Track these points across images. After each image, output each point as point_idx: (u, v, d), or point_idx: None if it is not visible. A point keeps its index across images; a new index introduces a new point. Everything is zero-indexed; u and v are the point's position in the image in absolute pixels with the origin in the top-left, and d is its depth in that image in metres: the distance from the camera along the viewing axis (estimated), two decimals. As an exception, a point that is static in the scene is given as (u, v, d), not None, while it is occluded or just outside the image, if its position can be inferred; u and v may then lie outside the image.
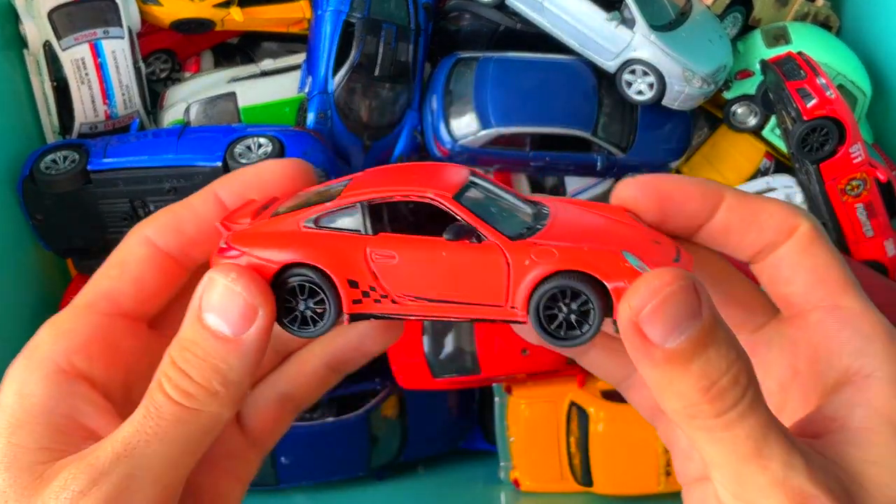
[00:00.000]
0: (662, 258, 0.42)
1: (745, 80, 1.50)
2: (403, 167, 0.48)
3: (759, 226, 0.45)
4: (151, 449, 0.40)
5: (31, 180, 1.30)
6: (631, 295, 0.37)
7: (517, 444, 1.40)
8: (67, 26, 1.38)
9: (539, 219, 0.44)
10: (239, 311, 0.41)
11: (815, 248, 0.44)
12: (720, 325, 0.37)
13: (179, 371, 0.41)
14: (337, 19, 1.42)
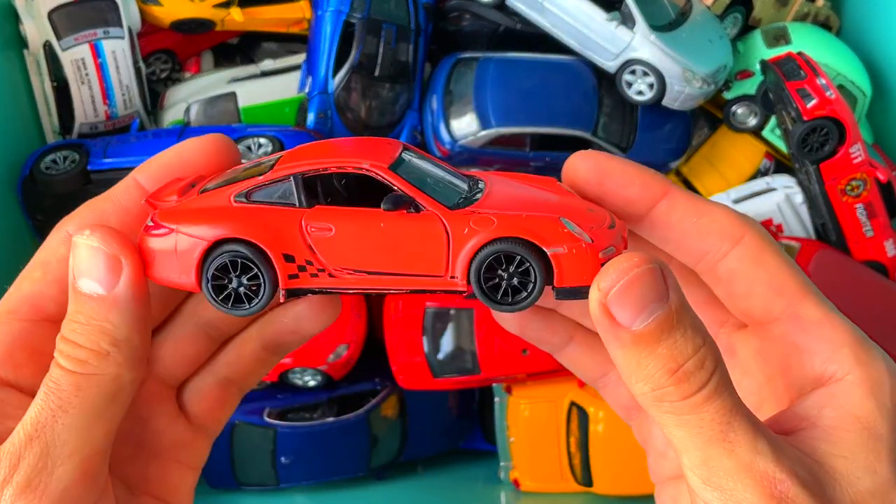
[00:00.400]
0: (598, 224, 0.42)
1: (745, 81, 1.50)
2: (335, 142, 0.46)
3: (701, 229, 0.44)
4: (59, 423, 0.40)
5: (32, 180, 1.30)
6: (600, 277, 0.38)
7: (517, 444, 1.40)
8: (67, 26, 1.38)
9: (474, 190, 0.44)
10: (104, 267, 0.41)
11: (766, 258, 0.43)
12: (687, 309, 0.38)
13: (68, 342, 0.41)
14: (337, 19, 1.42)
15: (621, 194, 0.45)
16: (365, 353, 1.44)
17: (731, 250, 0.43)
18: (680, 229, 0.44)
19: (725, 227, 0.44)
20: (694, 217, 0.44)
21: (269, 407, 1.41)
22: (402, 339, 1.40)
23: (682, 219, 0.44)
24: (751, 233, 0.44)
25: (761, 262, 0.43)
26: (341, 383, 1.45)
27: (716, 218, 0.44)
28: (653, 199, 0.44)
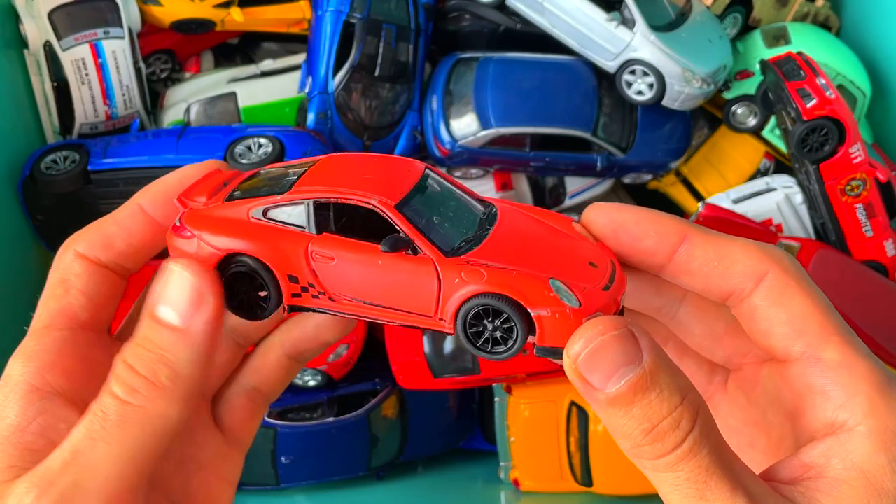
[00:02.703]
0: (593, 284, 0.42)
1: (745, 81, 1.51)
2: (364, 159, 0.48)
3: (723, 272, 0.43)
4: (97, 452, 0.39)
5: (32, 180, 1.30)
6: (570, 343, 0.39)
7: (517, 444, 1.40)
8: (68, 26, 1.38)
9: (482, 230, 0.45)
10: (188, 299, 0.42)
11: (787, 297, 0.42)
12: (663, 369, 0.39)
13: (127, 366, 0.41)
14: (337, 19, 1.42)
15: (638, 247, 0.44)
16: (365, 353, 1.44)
17: (754, 290, 0.43)
18: (702, 274, 0.44)
19: (747, 266, 0.43)
20: (715, 261, 0.43)
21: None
22: (402, 339, 1.40)
23: (703, 264, 0.43)
24: (774, 269, 0.43)
25: (783, 301, 0.42)
26: (341, 383, 1.45)
27: (737, 258, 0.43)
28: (671, 248, 0.44)
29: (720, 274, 0.43)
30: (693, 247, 0.44)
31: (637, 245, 0.44)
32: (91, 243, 0.48)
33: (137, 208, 0.49)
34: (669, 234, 0.44)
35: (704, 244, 0.44)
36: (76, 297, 0.46)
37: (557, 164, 1.50)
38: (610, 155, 1.49)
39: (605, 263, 0.44)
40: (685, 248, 0.44)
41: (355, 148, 1.46)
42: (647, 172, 1.55)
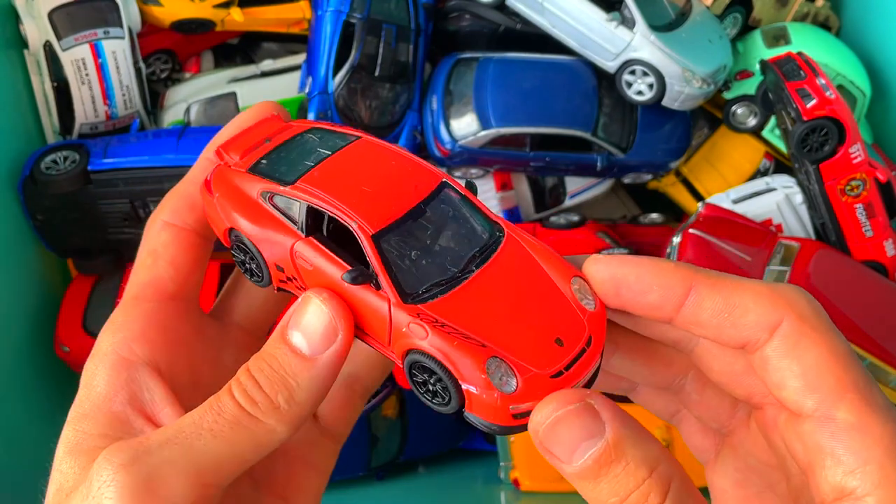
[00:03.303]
0: (542, 369, 0.40)
1: (745, 81, 1.51)
2: (382, 161, 0.46)
3: (734, 322, 0.41)
4: (202, 442, 0.41)
5: (32, 180, 1.30)
6: (535, 412, 0.39)
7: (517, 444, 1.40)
8: (68, 26, 1.38)
9: (468, 267, 0.43)
10: (322, 331, 0.42)
11: (801, 349, 0.40)
12: (628, 440, 0.38)
13: (251, 378, 0.42)
14: (337, 19, 1.42)
15: (642, 302, 0.42)
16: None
17: (767, 341, 0.40)
18: (713, 325, 0.41)
19: (760, 315, 0.40)
20: (725, 312, 0.41)
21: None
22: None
23: (712, 316, 0.41)
24: (790, 317, 0.40)
25: (796, 353, 0.40)
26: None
27: (748, 307, 0.40)
28: (677, 301, 0.42)
29: (731, 324, 0.41)
30: (701, 297, 0.41)
31: (641, 300, 0.42)
32: (174, 209, 0.49)
33: (206, 163, 0.50)
34: (674, 286, 0.42)
35: (713, 294, 0.41)
36: (164, 267, 0.48)
37: (557, 164, 1.50)
38: (610, 155, 1.49)
39: (576, 339, 0.42)
40: (692, 299, 0.41)
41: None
42: (647, 172, 1.55)
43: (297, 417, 0.42)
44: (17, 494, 1.22)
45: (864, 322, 1.25)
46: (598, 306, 0.43)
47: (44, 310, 1.39)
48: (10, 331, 1.31)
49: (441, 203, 0.44)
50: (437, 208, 0.44)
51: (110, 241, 1.38)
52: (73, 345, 1.36)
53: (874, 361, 1.25)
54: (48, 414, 1.38)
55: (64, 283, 1.44)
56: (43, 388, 1.38)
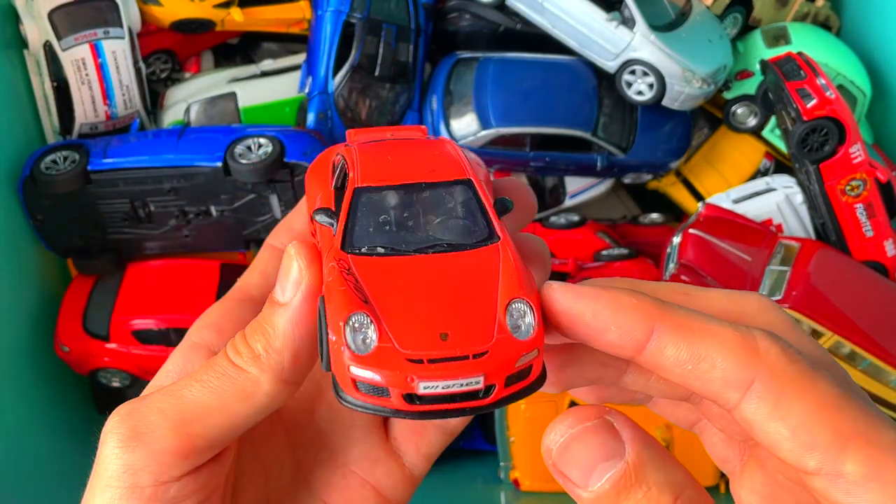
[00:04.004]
0: (403, 347, 0.37)
1: (745, 81, 1.51)
2: (434, 147, 0.46)
3: (700, 376, 0.36)
4: (189, 392, 0.42)
5: (32, 180, 1.30)
6: (549, 429, 0.36)
7: (517, 444, 1.40)
8: (68, 26, 1.38)
9: (426, 249, 0.42)
10: (291, 277, 0.43)
11: (784, 408, 0.35)
12: (651, 463, 0.35)
13: (241, 335, 0.44)
14: (337, 19, 1.42)
15: (600, 340, 0.38)
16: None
17: (741, 401, 0.36)
18: (676, 375, 0.37)
19: (728, 373, 0.35)
20: (688, 364, 0.36)
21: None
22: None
23: (675, 365, 0.37)
24: (761, 372, 0.35)
25: (780, 414, 0.35)
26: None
27: (714, 361, 0.36)
28: (637, 343, 0.37)
29: (696, 378, 0.36)
30: (663, 344, 0.37)
31: (598, 339, 0.38)
32: (276, 231, 0.54)
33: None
34: (633, 328, 0.37)
35: (676, 341, 0.36)
36: (254, 276, 0.51)
37: (557, 164, 1.50)
38: (610, 155, 1.49)
39: (465, 346, 0.37)
40: (654, 344, 0.37)
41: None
42: (647, 172, 1.55)
43: (276, 364, 0.42)
44: (17, 494, 1.22)
45: (864, 322, 1.25)
46: (531, 336, 0.38)
47: (44, 310, 1.39)
48: (10, 331, 1.31)
49: (447, 193, 0.44)
50: (439, 196, 0.44)
51: (110, 241, 1.38)
52: (73, 345, 1.36)
53: (874, 361, 1.25)
54: (48, 414, 1.38)
55: (64, 283, 1.44)
56: (43, 388, 1.38)
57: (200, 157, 1.31)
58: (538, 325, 0.38)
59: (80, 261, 1.41)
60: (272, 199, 1.35)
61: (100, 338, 1.35)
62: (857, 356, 1.25)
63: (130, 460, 0.40)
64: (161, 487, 0.41)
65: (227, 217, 1.36)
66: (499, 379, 0.38)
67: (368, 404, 0.38)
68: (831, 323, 1.23)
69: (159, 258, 1.42)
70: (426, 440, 0.51)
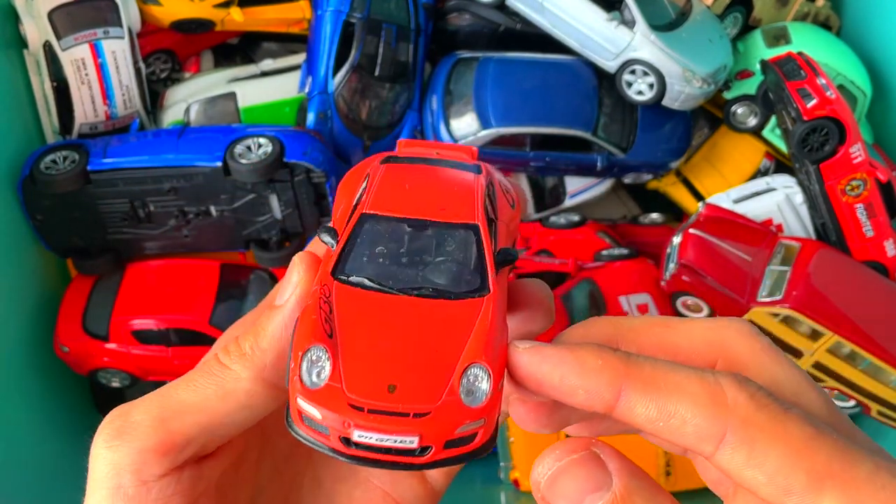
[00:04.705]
0: (350, 391, 0.37)
1: (745, 81, 1.50)
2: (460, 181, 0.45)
3: (672, 432, 0.37)
4: (174, 390, 0.42)
5: (32, 180, 1.30)
6: (537, 462, 0.36)
7: (517, 444, 1.39)
8: (67, 26, 1.38)
9: (410, 291, 0.41)
10: (291, 282, 0.44)
11: (758, 457, 0.35)
12: (639, 494, 0.35)
13: (236, 336, 0.44)
14: (337, 19, 1.42)
15: (570, 402, 0.38)
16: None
17: (715, 452, 0.36)
18: (649, 430, 0.38)
19: (699, 428, 0.36)
20: (659, 421, 0.37)
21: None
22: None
23: (646, 423, 0.37)
24: (732, 424, 0.35)
25: (755, 464, 0.35)
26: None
27: (684, 418, 0.36)
28: (606, 404, 0.38)
29: (670, 433, 0.37)
30: (632, 403, 0.37)
31: (568, 400, 0.38)
32: (315, 242, 0.53)
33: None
34: (600, 391, 0.37)
35: (644, 401, 0.37)
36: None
37: (557, 164, 1.50)
38: (610, 155, 1.49)
39: (407, 402, 0.37)
40: (623, 403, 0.37)
41: (355, 148, 1.46)
42: (648, 172, 1.55)
43: (259, 363, 0.42)
44: (17, 494, 1.22)
45: (864, 322, 1.25)
46: (481, 404, 0.38)
47: (44, 310, 1.39)
48: (10, 331, 1.31)
49: (450, 236, 0.43)
50: (441, 236, 0.43)
51: (110, 241, 1.38)
52: (73, 345, 1.36)
53: (874, 361, 1.24)
54: (48, 414, 1.38)
55: (64, 283, 1.44)
56: (43, 388, 1.38)
57: (200, 157, 1.30)
58: (492, 394, 0.38)
59: (80, 261, 1.40)
60: (272, 199, 1.35)
61: (100, 338, 1.35)
62: (857, 356, 1.25)
63: (114, 460, 0.41)
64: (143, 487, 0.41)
65: (226, 217, 1.36)
66: (436, 442, 0.37)
67: (310, 438, 0.38)
68: (831, 323, 1.23)
69: (159, 258, 1.42)
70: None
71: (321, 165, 1.31)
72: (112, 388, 1.42)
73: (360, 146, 1.46)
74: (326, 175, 1.32)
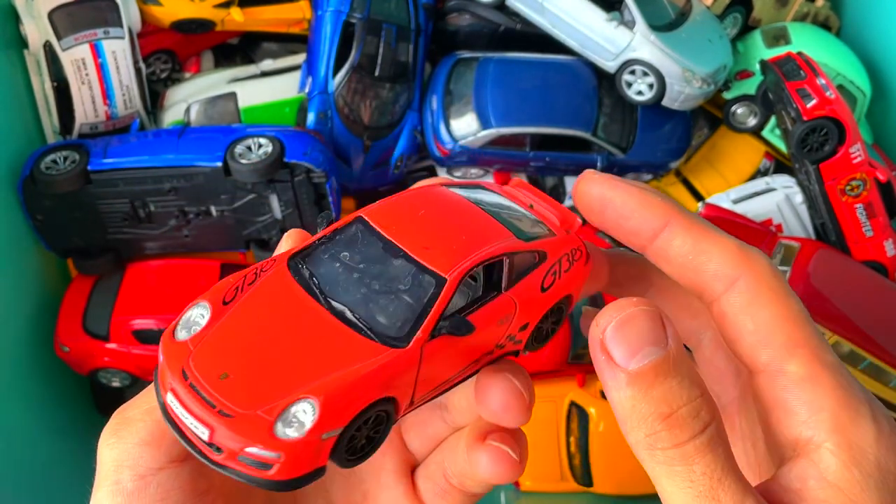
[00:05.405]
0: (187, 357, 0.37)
1: (745, 81, 1.51)
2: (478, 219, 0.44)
3: (696, 267, 0.42)
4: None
5: (32, 180, 1.30)
6: (600, 314, 0.39)
7: (517, 444, 1.39)
8: (68, 26, 1.38)
9: (328, 303, 0.40)
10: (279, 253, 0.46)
11: (757, 306, 0.41)
12: (685, 361, 0.38)
13: None
14: (337, 20, 1.42)
15: (623, 226, 0.44)
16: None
17: (723, 293, 0.42)
18: (677, 264, 0.43)
19: (721, 267, 0.42)
20: (690, 254, 0.42)
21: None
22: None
23: (678, 254, 0.43)
24: (747, 275, 0.41)
25: (752, 310, 0.41)
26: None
27: (712, 257, 0.42)
28: (653, 232, 0.43)
29: (693, 269, 0.42)
30: (673, 234, 0.43)
31: (622, 224, 0.44)
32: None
33: None
34: (653, 218, 0.43)
35: (684, 234, 0.43)
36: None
37: (557, 164, 1.50)
38: (610, 155, 1.49)
39: (230, 397, 0.36)
40: (665, 234, 0.43)
41: (356, 148, 1.46)
42: (647, 172, 1.55)
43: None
44: (16, 494, 1.22)
45: (864, 322, 1.25)
46: (289, 440, 0.36)
47: (44, 310, 1.39)
48: (10, 331, 1.31)
49: (411, 276, 0.40)
50: (404, 272, 0.40)
51: (110, 241, 1.38)
52: (73, 345, 1.36)
53: (874, 361, 1.25)
54: (48, 414, 1.38)
55: (64, 283, 1.44)
56: (43, 388, 1.38)
57: (200, 157, 1.31)
58: (304, 436, 0.35)
59: (80, 261, 1.41)
60: (272, 199, 1.35)
61: (100, 338, 1.35)
62: (857, 356, 1.25)
63: (113, 457, 0.41)
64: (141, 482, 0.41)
65: (226, 217, 1.36)
66: (225, 447, 0.36)
67: (156, 386, 0.39)
68: (831, 323, 1.23)
69: (159, 258, 1.42)
70: (454, 500, 0.51)
71: (321, 165, 1.31)
72: (112, 388, 1.42)
73: (360, 146, 1.47)
74: (326, 175, 1.32)
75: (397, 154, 1.50)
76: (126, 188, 1.32)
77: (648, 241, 0.43)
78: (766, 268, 0.42)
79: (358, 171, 1.48)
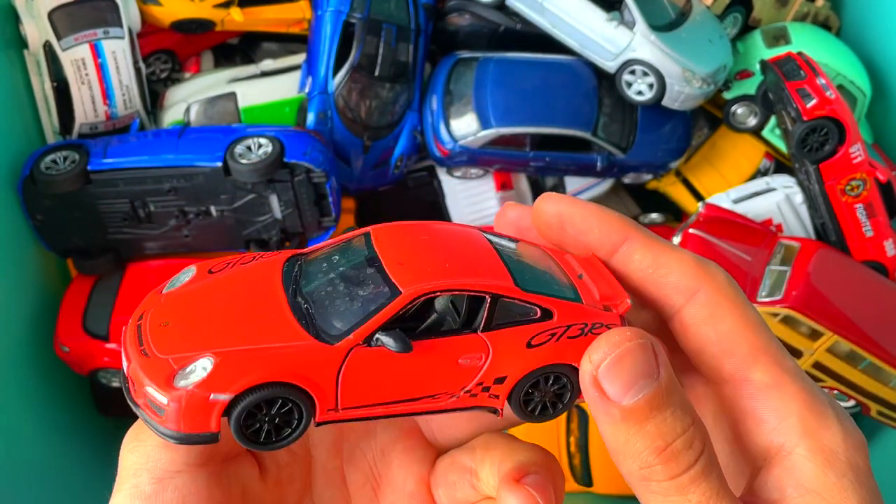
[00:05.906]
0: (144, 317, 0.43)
1: (745, 81, 1.51)
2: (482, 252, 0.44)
3: (656, 281, 0.43)
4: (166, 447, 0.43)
5: (32, 180, 1.30)
6: (592, 349, 0.39)
7: (517, 444, 1.39)
8: (68, 26, 1.38)
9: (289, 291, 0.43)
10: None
11: (717, 317, 0.41)
12: (676, 388, 0.38)
13: None
14: (337, 19, 1.42)
15: (582, 241, 0.45)
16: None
17: (684, 305, 0.42)
18: (637, 278, 0.44)
19: (680, 280, 0.42)
20: (650, 268, 0.43)
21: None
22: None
23: (638, 269, 0.44)
24: (707, 287, 0.42)
25: (712, 321, 0.42)
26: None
27: (672, 270, 0.43)
28: (612, 246, 0.44)
29: (654, 281, 0.43)
30: (632, 249, 0.44)
31: (581, 239, 0.45)
32: None
33: None
34: (612, 232, 0.44)
35: (643, 249, 0.43)
36: None
37: (557, 164, 1.50)
38: (610, 155, 1.49)
39: (160, 343, 0.40)
40: (625, 248, 0.44)
41: (355, 148, 1.46)
42: (647, 172, 1.55)
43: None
44: (17, 494, 1.22)
45: (864, 322, 1.25)
46: (180, 389, 0.38)
47: (44, 310, 1.39)
48: (10, 331, 1.31)
49: (375, 285, 0.41)
50: (370, 280, 0.41)
51: (110, 241, 1.38)
52: (73, 345, 1.36)
53: (874, 361, 1.25)
54: (48, 414, 1.38)
55: (64, 283, 1.44)
56: (43, 388, 1.38)
57: (200, 157, 1.31)
58: (193, 388, 0.37)
59: (80, 261, 1.41)
60: (272, 199, 1.35)
61: (100, 338, 1.35)
62: (857, 356, 1.25)
63: (133, 459, 0.42)
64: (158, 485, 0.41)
65: (226, 217, 1.36)
66: (134, 378, 0.39)
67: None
68: (831, 323, 1.23)
69: (159, 258, 1.42)
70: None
71: (321, 165, 1.31)
72: (112, 388, 1.42)
73: (360, 146, 1.47)
74: (326, 175, 1.32)
75: (397, 154, 1.50)
76: (126, 188, 1.32)
77: (608, 255, 0.44)
78: (723, 280, 0.42)
79: (358, 171, 1.48)
